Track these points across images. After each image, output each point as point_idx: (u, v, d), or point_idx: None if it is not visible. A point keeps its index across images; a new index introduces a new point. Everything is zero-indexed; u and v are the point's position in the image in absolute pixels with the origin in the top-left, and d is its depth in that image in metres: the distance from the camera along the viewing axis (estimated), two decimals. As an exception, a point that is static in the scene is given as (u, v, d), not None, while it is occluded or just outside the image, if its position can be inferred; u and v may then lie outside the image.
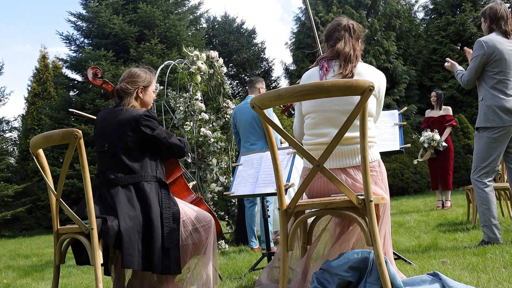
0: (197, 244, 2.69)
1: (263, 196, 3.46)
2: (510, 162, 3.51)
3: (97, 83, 2.83)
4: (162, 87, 11.18)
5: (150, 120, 2.57)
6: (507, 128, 3.40)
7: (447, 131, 6.73)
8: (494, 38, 3.40)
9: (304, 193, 2.39)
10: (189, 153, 2.89)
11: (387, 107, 13.58)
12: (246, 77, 20.53)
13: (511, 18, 3.45)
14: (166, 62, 5.81)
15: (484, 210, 3.40)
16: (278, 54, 39.85)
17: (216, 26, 21.27)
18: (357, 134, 2.26)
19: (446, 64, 3.86)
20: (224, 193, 3.52)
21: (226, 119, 5.69)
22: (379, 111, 2.53)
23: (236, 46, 20.46)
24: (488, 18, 3.47)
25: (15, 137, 15.84)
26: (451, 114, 6.91)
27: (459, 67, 3.68)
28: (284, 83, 20.16)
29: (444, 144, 6.61)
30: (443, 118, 6.81)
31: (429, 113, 7.05)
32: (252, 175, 3.36)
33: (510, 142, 3.47)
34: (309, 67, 2.65)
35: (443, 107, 6.93)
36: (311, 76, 2.49)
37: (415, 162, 7.18)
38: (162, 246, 2.45)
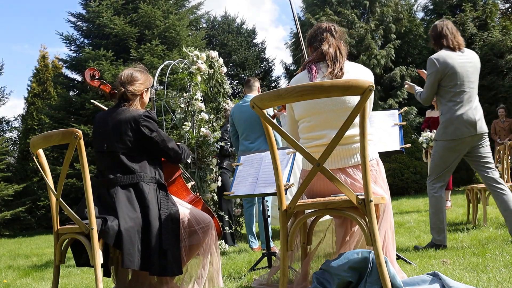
0: (195, 246, 2.69)
1: (263, 196, 3.46)
2: (480, 170, 3.59)
3: (94, 85, 2.84)
4: (162, 87, 11.18)
5: (149, 121, 2.56)
6: (464, 139, 3.48)
7: None
8: (444, 54, 3.53)
9: (304, 194, 2.39)
10: (188, 159, 2.87)
11: (388, 108, 13.57)
12: (246, 77, 20.52)
13: (456, 32, 3.59)
14: (166, 62, 5.80)
15: (432, 213, 3.54)
16: (276, 55, 39.86)
17: (216, 26, 21.27)
18: (354, 132, 2.27)
19: (405, 86, 3.99)
20: (224, 193, 3.52)
21: (226, 119, 5.69)
22: (370, 106, 2.54)
23: (235, 46, 20.46)
24: (432, 38, 3.66)
25: (15, 137, 15.85)
26: None
27: (418, 87, 3.81)
28: (284, 83, 20.16)
29: None
30: None
31: (429, 113, 7.05)
32: (252, 175, 3.36)
33: (476, 151, 3.55)
34: (295, 72, 2.66)
35: None
36: (300, 80, 2.48)
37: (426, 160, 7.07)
38: (159, 248, 2.44)
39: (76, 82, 12.96)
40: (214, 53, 5.28)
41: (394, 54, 14.48)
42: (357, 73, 2.41)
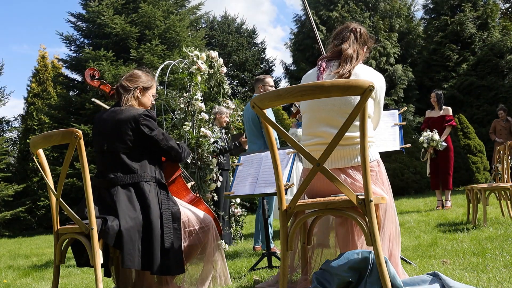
0: (195, 246, 2.68)
1: (263, 196, 3.46)
2: None
3: (94, 85, 2.83)
4: (162, 87, 11.20)
5: (149, 120, 2.56)
6: None
7: (447, 131, 6.73)
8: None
9: (304, 194, 2.39)
10: (188, 157, 2.86)
11: (385, 107, 13.57)
12: (246, 78, 20.51)
13: None
14: (166, 62, 5.80)
15: None
16: (277, 55, 39.83)
17: (216, 26, 21.26)
18: (355, 134, 2.27)
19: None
20: (224, 193, 3.52)
21: (226, 118, 5.69)
22: (379, 113, 2.52)
23: (236, 46, 20.46)
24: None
25: (15, 137, 15.85)
26: (451, 114, 6.90)
27: None
28: (284, 84, 20.13)
29: (443, 144, 6.62)
30: (442, 119, 6.81)
31: (429, 114, 7.05)
32: (252, 175, 3.36)
33: None
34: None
35: (443, 107, 6.93)
36: (309, 76, 2.51)
37: (423, 159, 7.03)
38: (161, 247, 2.44)
39: (76, 82, 12.96)
40: (214, 53, 5.28)
41: (397, 52, 14.46)
42: (367, 77, 2.37)
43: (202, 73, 4.92)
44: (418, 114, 14.40)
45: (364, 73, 2.39)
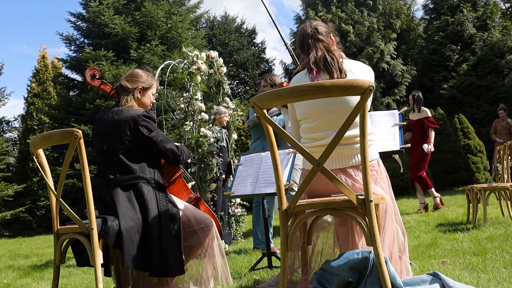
0: (195, 246, 2.68)
1: (263, 196, 3.46)
2: None
3: (95, 84, 2.83)
4: (162, 87, 11.20)
5: (148, 121, 2.55)
6: None
7: (432, 134, 6.69)
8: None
9: (304, 194, 2.39)
10: (187, 160, 2.85)
11: (386, 107, 13.57)
12: (246, 77, 20.51)
13: None
14: (166, 62, 5.81)
15: None
16: (276, 55, 39.85)
17: (216, 25, 21.27)
18: (355, 132, 2.26)
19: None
20: (224, 193, 3.52)
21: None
22: (369, 103, 2.53)
23: (237, 46, 20.46)
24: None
25: (15, 137, 15.85)
26: (430, 115, 6.76)
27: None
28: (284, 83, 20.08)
29: (426, 146, 6.60)
30: (421, 122, 6.74)
31: (411, 116, 6.99)
32: (252, 175, 3.37)
33: None
34: (295, 70, 2.64)
35: (422, 109, 6.84)
36: (300, 80, 2.46)
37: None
38: (159, 248, 2.43)
39: (76, 82, 12.97)
40: (214, 53, 5.28)
41: (395, 52, 14.44)
42: (361, 72, 2.38)
43: (202, 73, 4.92)
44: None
45: (358, 69, 2.39)
